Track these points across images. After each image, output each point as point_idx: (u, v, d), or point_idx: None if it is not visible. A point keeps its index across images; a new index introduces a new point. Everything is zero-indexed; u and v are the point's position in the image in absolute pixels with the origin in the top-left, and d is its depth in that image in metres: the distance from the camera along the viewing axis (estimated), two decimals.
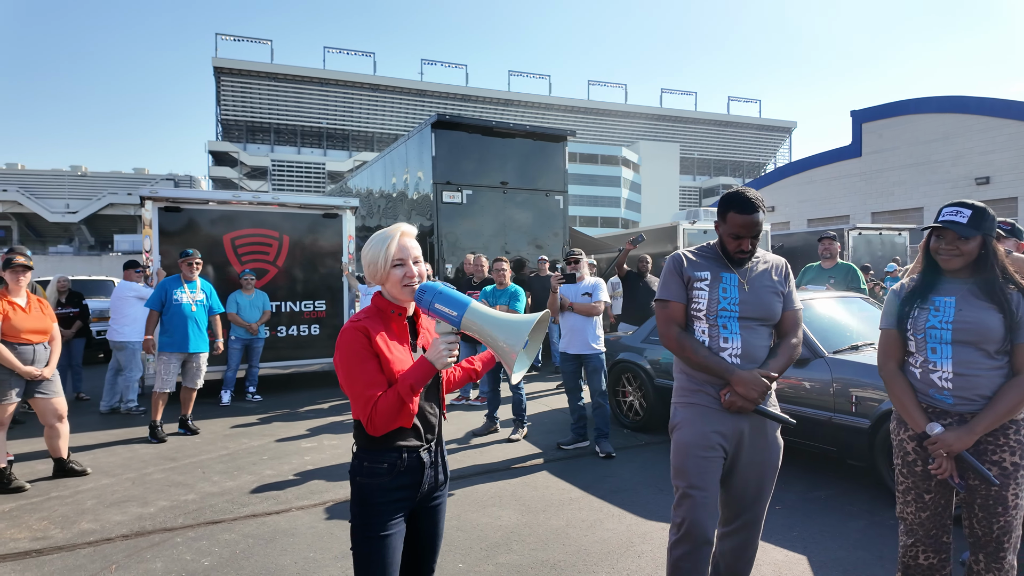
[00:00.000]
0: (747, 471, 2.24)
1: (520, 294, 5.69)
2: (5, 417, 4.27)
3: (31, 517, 3.81)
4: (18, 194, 57.20)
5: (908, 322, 2.22)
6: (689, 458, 2.18)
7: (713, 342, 2.23)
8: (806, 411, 4.22)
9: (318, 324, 8.16)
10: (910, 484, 2.21)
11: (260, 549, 3.34)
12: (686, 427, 2.23)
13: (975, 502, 2.10)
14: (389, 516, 1.70)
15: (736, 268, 2.28)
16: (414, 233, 1.80)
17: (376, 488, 1.69)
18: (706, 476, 2.15)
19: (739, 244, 2.24)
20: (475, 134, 9.35)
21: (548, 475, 4.57)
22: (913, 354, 2.23)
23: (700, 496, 2.13)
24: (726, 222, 2.24)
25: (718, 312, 2.22)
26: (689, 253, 2.35)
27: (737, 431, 2.21)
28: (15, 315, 4.33)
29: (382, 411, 1.61)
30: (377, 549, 1.68)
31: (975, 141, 23.27)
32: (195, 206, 7.46)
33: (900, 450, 2.25)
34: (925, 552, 2.19)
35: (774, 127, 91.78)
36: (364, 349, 1.66)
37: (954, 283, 2.19)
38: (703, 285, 2.26)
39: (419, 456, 1.75)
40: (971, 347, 2.09)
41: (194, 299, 5.82)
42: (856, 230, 13.21)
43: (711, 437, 2.18)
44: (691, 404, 2.25)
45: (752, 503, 2.27)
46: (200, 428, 5.99)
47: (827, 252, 6.24)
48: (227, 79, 69.17)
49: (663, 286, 2.34)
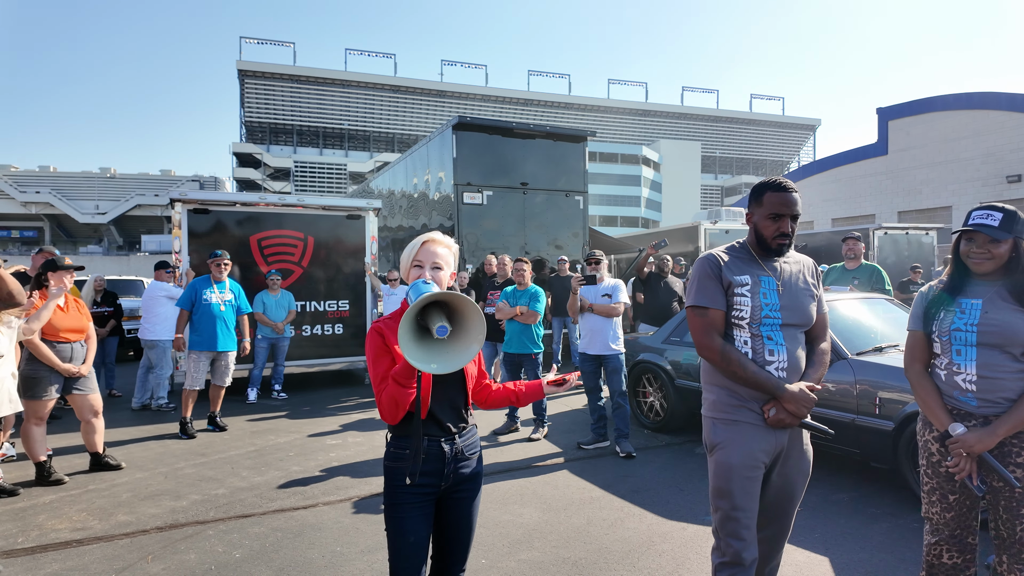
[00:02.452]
0: (781, 481, 2.17)
1: (540, 294, 5.73)
2: (44, 412, 4.43)
3: (71, 509, 3.96)
4: (50, 195, 58.79)
5: (934, 324, 2.22)
6: (734, 480, 2.06)
7: (758, 355, 2.08)
8: (829, 413, 4.20)
9: (341, 324, 8.30)
10: (935, 485, 2.22)
11: (288, 543, 3.44)
12: (731, 448, 2.08)
13: (999, 504, 2.10)
14: (411, 497, 1.85)
15: (771, 270, 2.15)
16: (445, 242, 1.95)
17: (399, 472, 1.85)
18: (750, 498, 2.07)
19: (778, 226, 2.09)
20: (495, 135, 9.41)
21: (569, 474, 4.62)
22: (939, 356, 2.23)
23: (745, 519, 2.05)
24: (762, 203, 2.11)
25: (762, 320, 2.08)
26: (723, 254, 2.18)
27: (779, 447, 2.12)
28: (54, 314, 4.49)
29: (384, 401, 1.77)
30: (404, 531, 1.84)
31: (1006, 138, 22.70)
32: (223, 208, 7.63)
33: (925, 451, 2.25)
34: (949, 551, 2.20)
35: (798, 125, 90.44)
36: (380, 347, 1.85)
37: (982, 285, 2.18)
38: (745, 291, 2.10)
39: (439, 446, 1.88)
40: (996, 350, 2.09)
41: (223, 299, 5.97)
42: (882, 229, 12.99)
43: (757, 457, 2.07)
44: (734, 422, 2.10)
45: (782, 513, 2.21)
46: (228, 425, 6.14)
47: (851, 252, 6.16)
48: (251, 81, 70.28)
49: (699, 291, 2.15)
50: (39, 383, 4.35)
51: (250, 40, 71.58)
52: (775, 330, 2.10)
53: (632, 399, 6.08)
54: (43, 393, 4.37)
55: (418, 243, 1.94)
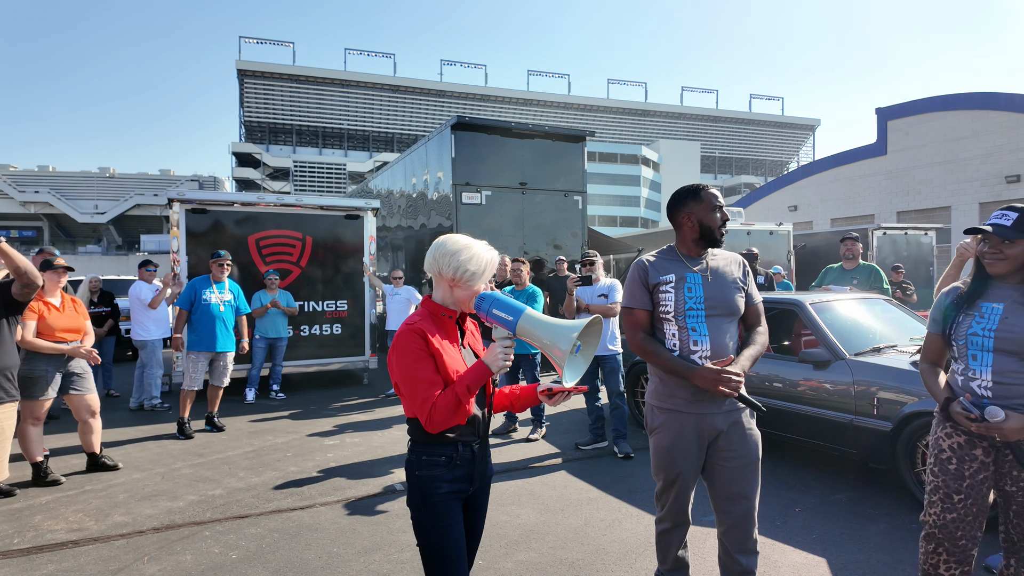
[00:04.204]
0: (727, 465, 2.33)
1: (538, 295, 5.72)
2: (41, 413, 4.42)
3: (67, 509, 3.95)
4: (49, 195, 58.72)
5: (952, 327, 2.18)
6: (668, 460, 2.36)
7: (684, 344, 2.31)
8: (827, 413, 4.20)
9: (340, 324, 8.29)
10: (939, 483, 2.13)
11: (285, 543, 3.43)
12: (664, 431, 2.37)
13: (1011, 507, 2.07)
14: (452, 506, 1.81)
15: (697, 266, 2.37)
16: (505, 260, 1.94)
17: (436, 479, 1.79)
18: (685, 468, 2.34)
19: (721, 215, 2.37)
20: (494, 135, 9.39)
21: (566, 475, 4.61)
22: (956, 360, 2.19)
23: (680, 482, 2.36)
24: (701, 200, 2.37)
25: (686, 312, 2.31)
26: (651, 257, 2.45)
27: (713, 429, 2.31)
28: (49, 314, 4.48)
29: (441, 409, 1.69)
30: (451, 539, 1.78)
31: (1005, 138, 22.70)
32: (221, 208, 7.63)
33: (935, 448, 2.19)
34: (947, 563, 2.11)
35: (797, 125, 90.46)
36: (421, 350, 1.73)
37: (1004, 289, 2.12)
38: (668, 288, 2.34)
39: (471, 449, 1.85)
40: (1013, 356, 2.03)
41: (222, 299, 5.96)
42: (881, 230, 12.99)
43: (688, 439, 2.32)
44: (667, 409, 2.36)
45: (739, 497, 2.33)
46: (226, 425, 6.13)
47: (849, 253, 6.17)
48: (250, 81, 70.25)
49: (628, 294, 2.44)
50: (36, 383, 4.34)
51: (249, 40, 71.60)
52: (700, 321, 2.31)
53: (630, 399, 6.07)
54: (40, 393, 4.36)
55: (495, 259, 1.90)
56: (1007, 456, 2.07)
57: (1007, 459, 2.07)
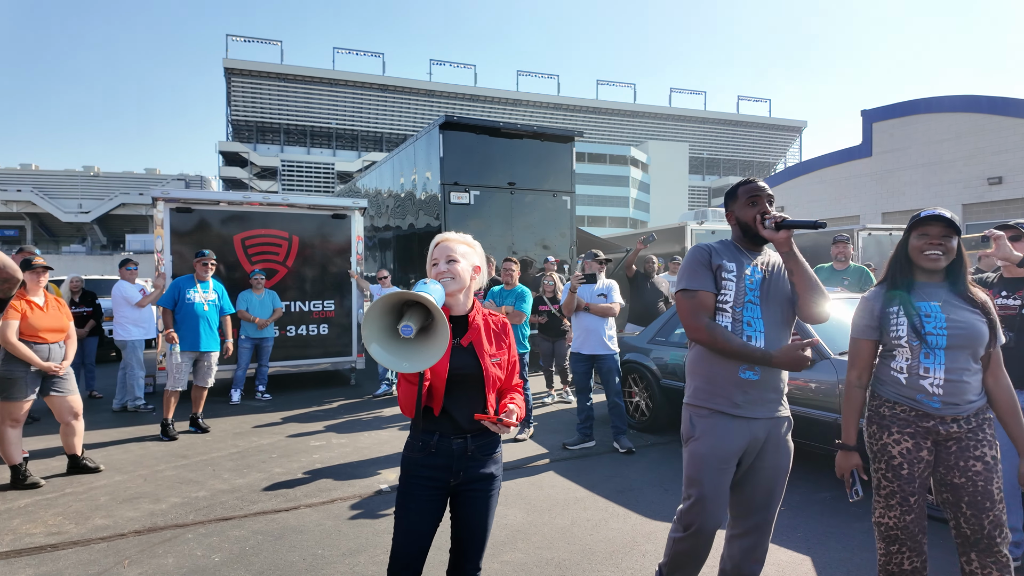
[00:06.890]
0: (760, 475, 2.24)
1: (526, 294, 5.71)
2: (20, 415, 4.34)
3: (46, 513, 3.89)
4: (32, 194, 57.88)
5: (891, 330, 2.18)
6: (705, 471, 2.18)
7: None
8: (812, 412, 4.23)
9: (326, 324, 8.23)
10: (895, 488, 2.16)
11: (269, 545, 3.39)
12: (704, 440, 2.20)
13: (962, 500, 2.10)
14: (420, 488, 1.93)
15: (756, 258, 2.27)
16: (458, 238, 2.02)
17: (411, 461, 1.96)
18: (719, 487, 2.18)
19: (758, 208, 2.23)
20: (483, 135, 9.37)
21: (554, 475, 4.61)
22: (895, 359, 2.19)
23: (712, 506, 2.17)
24: (737, 196, 2.29)
25: (744, 304, 2.20)
26: (714, 245, 2.32)
27: (755, 440, 2.20)
28: (32, 314, 4.41)
29: (400, 397, 1.89)
30: (407, 516, 1.93)
31: (988, 141, 23.02)
32: (206, 207, 7.55)
33: (884, 454, 2.19)
34: (910, 558, 2.17)
35: (784, 127, 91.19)
36: None
37: (930, 287, 2.16)
38: (731, 276, 2.22)
39: (449, 442, 1.93)
40: (964, 352, 2.09)
41: (206, 299, 5.90)
42: (866, 230, 13.12)
43: (729, 450, 2.17)
44: (710, 415, 2.21)
45: (763, 506, 2.27)
46: (210, 426, 6.07)
47: (841, 255, 6.25)
48: (237, 80, 69.65)
49: (690, 275, 2.26)
50: (15, 384, 4.27)
51: (237, 38, 70.97)
52: (756, 315, 2.21)
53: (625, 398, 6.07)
54: (19, 395, 4.29)
55: (433, 243, 2.01)
56: (950, 449, 2.12)
57: (951, 451, 2.12)
